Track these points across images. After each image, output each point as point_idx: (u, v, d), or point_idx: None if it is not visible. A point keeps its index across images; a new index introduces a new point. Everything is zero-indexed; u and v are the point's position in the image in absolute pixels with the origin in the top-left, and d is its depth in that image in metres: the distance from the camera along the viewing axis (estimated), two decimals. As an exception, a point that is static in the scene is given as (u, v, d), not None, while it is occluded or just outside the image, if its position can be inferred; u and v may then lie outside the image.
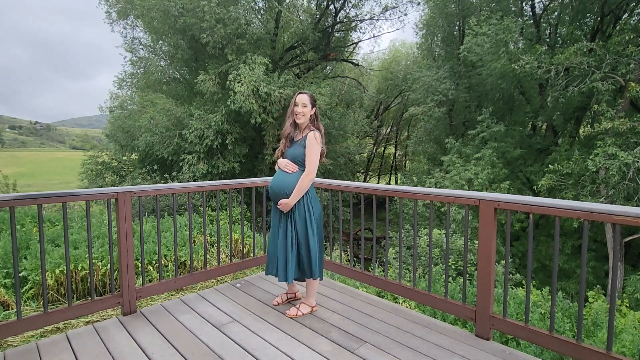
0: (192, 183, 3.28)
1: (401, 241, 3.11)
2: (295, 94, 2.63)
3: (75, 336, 2.32)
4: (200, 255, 4.63)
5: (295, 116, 2.59)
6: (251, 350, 2.17)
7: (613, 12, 11.00)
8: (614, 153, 7.83)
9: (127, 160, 15.97)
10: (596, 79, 8.68)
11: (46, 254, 4.12)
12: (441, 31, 15.93)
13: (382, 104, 24.68)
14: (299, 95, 2.60)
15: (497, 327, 2.27)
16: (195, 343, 2.26)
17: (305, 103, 2.57)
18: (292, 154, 2.59)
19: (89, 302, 2.48)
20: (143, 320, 2.55)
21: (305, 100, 2.57)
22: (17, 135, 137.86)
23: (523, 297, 4.19)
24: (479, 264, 2.30)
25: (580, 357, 1.91)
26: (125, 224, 2.56)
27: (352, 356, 2.13)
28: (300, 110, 2.57)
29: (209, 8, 11.17)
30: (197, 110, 12.47)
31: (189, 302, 2.87)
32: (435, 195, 2.55)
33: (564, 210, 1.94)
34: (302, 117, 2.59)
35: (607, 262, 9.80)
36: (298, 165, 2.57)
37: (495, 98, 14.04)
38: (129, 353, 2.14)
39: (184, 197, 9.48)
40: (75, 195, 2.38)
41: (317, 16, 14.92)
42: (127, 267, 2.59)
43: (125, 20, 15.06)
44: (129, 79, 16.72)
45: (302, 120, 2.59)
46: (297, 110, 2.57)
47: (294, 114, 2.59)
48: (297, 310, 2.64)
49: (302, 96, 2.59)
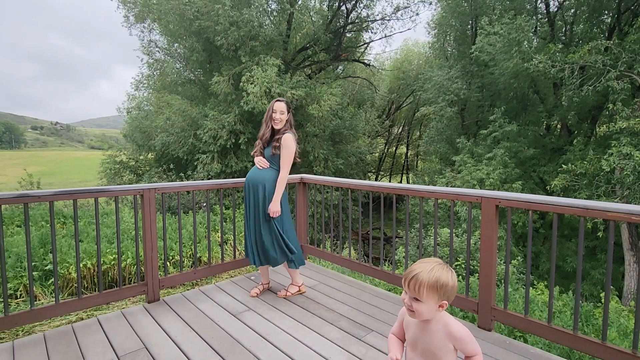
0: (210, 181, 3.48)
1: (407, 239, 3.24)
2: (272, 102, 2.88)
3: (106, 320, 2.54)
4: (215, 252, 4.84)
5: (273, 122, 2.86)
6: (265, 335, 2.35)
7: (630, 9, 10.79)
8: (629, 153, 7.71)
9: (144, 160, 16.44)
10: (611, 78, 8.56)
11: (71, 249, 4.41)
12: (453, 30, 15.85)
13: (393, 104, 24.64)
14: (276, 103, 2.86)
15: (498, 319, 2.38)
16: (214, 328, 2.44)
17: (282, 110, 2.84)
18: (266, 153, 2.91)
19: (117, 290, 2.70)
20: (166, 308, 2.75)
21: (283, 107, 2.84)
22: (38, 136, 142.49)
23: (532, 296, 4.24)
24: (481, 259, 2.42)
25: (576, 346, 2.01)
26: (149, 218, 2.77)
27: (359, 343, 2.28)
28: (278, 117, 2.84)
29: (223, 11, 11.45)
30: (212, 111, 12.78)
31: (208, 292, 3.07)
32: (440, 193, 2.67)
33: (563, 207, 2.04)
34: (280, 123, 2.86)
35: (623, 263, 9.64)
36: (270, 163, 2.89)
37: (509, 97, 13.91)
38: (154, 335, 2.34)
39: (198, 196, 9.78)
40: (107, 191, 2.60)
41: (328, 17, 15.07)
42: (152, 258, 2.81)
43: (142, 24, 15.53)
44: (146, 81, 17.23)
45: (279, 126, 2.87)
46: (275, 117, 2.84)
47: (272, 120, 2.85)
48: (285, 292, 3.00)
49: (279, 104, 2.85)
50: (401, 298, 1.26)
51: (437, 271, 1.18)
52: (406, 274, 1.21)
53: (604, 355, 1.91)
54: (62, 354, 2.12)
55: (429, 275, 1.17)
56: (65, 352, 2.14)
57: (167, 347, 2.21)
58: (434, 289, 1.17)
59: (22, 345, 2.21)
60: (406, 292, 1.22)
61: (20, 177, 10.30)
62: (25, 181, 10.18)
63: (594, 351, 1.96)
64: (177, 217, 3.45)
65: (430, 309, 1.19)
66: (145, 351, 2.16)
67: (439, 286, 1.16)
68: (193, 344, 2.24)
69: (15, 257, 4.02)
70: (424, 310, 1.19)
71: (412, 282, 1.18)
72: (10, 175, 34.54)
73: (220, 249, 3.46)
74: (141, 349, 2.18)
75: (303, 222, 3.91)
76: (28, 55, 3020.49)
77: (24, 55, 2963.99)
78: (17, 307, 3.35)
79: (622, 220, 1.82)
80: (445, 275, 1.18)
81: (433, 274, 1.17)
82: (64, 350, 2.16)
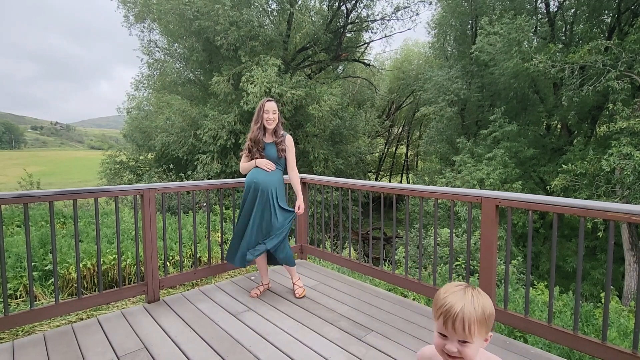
0: (210, 181, 3.48)
1: (407, 239, 3.24)
2: (263, 102, 2.88)
3: (106, 320, 2.54)
4: (215, 252, 4.84)
5: (266, 122, 2.86)
6: (265, 336, 2.35)
7: (630, 9, 10.79)
8: (629, 153, 7.72)
9: (144, 160, 16.45)
10: (611, 78, 8.56)
11: (71, 249, 4.41)
12: (453, 30, 15.86)
13: (393, 104, 24.65)
14: (267, 102, 2.85)
15: (498, 319, 2.38)
16: (214, 328, 2.44)
17: (274, 110, 2.86)
18: (269, 155, 2.89)
19: (117, 290, 2.70)
20: (166, 308, 2.75)
21: (275, 107, 2.87)
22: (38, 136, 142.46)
23: (532, 297, 4.24)
24: (482, 259, 2.42)
25: (577, 346, 2.01)
26: (149, 218, 2.77)
27: (359, 343, 2.27)
28: (271, 117, 2.84)
29: (223, 11, 11.45)
30: (212, 111, 12.78)
31: (207, 292, 3.07)
32: (440, 193, 2.67)
33: (563, 207, 2.04)
34: (273, 123, 2.86)
35: (623, 263, 9.64)
36: (275, 164, 2.90)
37: (509, 97, 13.91)
38: (154, 335, 2.34)
39: (198, 196, 9.77)
40: (106, 191, 2.60)
41: (328, 17, 15.07)
42: (152, 258, 2.80)
43: (142, 24, 15.54)
44: (146, 81, 17.23)
45: (272, 126, 2.87)
46: (268, 117, 2.84)
47: (264, 120, 2.85)
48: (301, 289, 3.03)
49: (270, 104, 2.85)
50: (437, 345, 0.98)
51: (476, 299, 0.95)
52: (445, 312, 0.94)
53: (604, 355, 1.91)
54: (62, 354, 2.12)
55: (473, 307, 0.93)
56: (65, 352, 2.14)
57: (167, 347, 2.21)
58: (482, 323, 0.94)
59: (22, 346, 2.21)
60: (444, 336, 0.96)
61: (20, 177, 10.31)
62: (25, 181, 10.18)
63: (594, 351, 1.96)
64: (177, 217, 3.45)
65: (477, 348, 0.95)
66: (145, 351, 2.16)
67: (486, 317, 0.94)
68: (193, 344, 2.24)
69: (15, 257, 4.02)
70: (474, 353, 0.95)
71: (458, 322, 0.92)
72: (10, 175, 34.56)
73: (220, 249, 3.46)
74: (141, 349, 2.18)
75: (303, 222, 3.91)
76: (28, 55, 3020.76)
77: (24, 55, 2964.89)
78: (17, 307, 3.34)
79: (622, 221, 1.82)
80: (485, 300, 0.97)
81: (477, 305, 0.94)
82: (63, 350, 2.16)
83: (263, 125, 2.87)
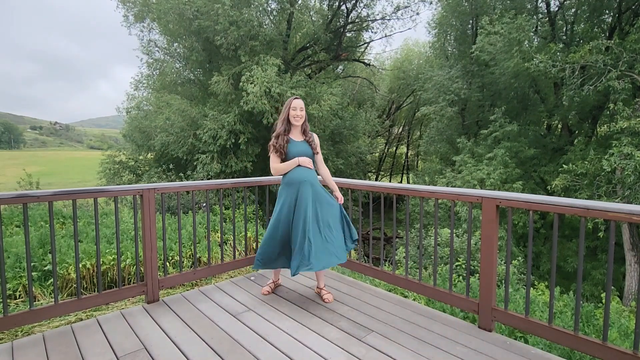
0: (210, 181, 3.47)
1: (408, 239, 3.23)
2: (291, 100, 2.87)
3: (105, 321, 2.53)
4: (215, 252, 4.84)
5: (294, 119, 2.84)
6: (265, 336, 2.34)
7: (631, 8, 10.78)
8: (630, 153, 7.71)
9: (144, 160, 16.42)
10: (612, 78, 8.55)
11: (70, 249, 4.40)
12: (454, 30, 15.83)
13: (394, 104, 24.63)
14: (295, 100, 2.86)
15: (499, 319, 2.38)
16: (214, 329, 2.43)
17: (302, 107, 2.87)
18: (304, 152, 2.87)
19: (116, 290, 2.69)
20: (165, 308, 2.74)
21: (302, 105, 2.88)
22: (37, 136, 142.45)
23: (533, 297, 4.23)
24: (482, 259, 2.41)
25: (577, 347, 2.00)
26: (149, 219, 2.76)
27: (359, 343, 2.27)
28: (298, 114, 2.84)
29: (223, 11, 11.43)
30: (211, 110, 12.76)
31: (207, 292, 3.06)
32: (440, 193, 2.66)
33: (563, 207, 2.03)
34: (300, 120, 2.86)
35: (624, 263, 9.63)
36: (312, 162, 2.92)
37: (509, 97, 13.89)
38: (153, 335, 2.33)
39: (198, 196, 9.76)
40: (106, 191, 2.60)
41: (328, 17, 15.05)
42: (151, 259, 2.80)
43: (141, 23, 15.52)
44: (145, 81, 17.20)
45: (299, 123, 2.87)
46: (296, 114, 2.84)
47: (292, 117, 2.84)
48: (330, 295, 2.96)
49: (298, 101, 2.87)
50: None
51: None
52: None
53: (604, 355, 1.91)
54: (62, 354, 2.12)
55: None
56: (64, 353, 2.13)
57: (166, 347, 2.20)
58: None
59: (22, 346, 2.21)
60: None
61: (20, 177, 10.30)
62: (25, 181, 10.18)
63: (594, 352, 1.95)
64: (176, 217, 3.44)
65: None
66: (144, 352, 2.15)
67: None
68: (193, 344, 2.23)
69: (15, 257, 4.02)
70: None
71: None
72: (10, 175, 34.53)
73: (220, 250, 3.45)
74: (140, 349, 2.17)
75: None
76: (28, 55, 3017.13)
77: (24, 55, 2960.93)
78: (16, 308, 3.34)
79: (623, 221, 1.81)
80: None
81: None
82: (63, 350, 2.15)
83: (289, 123, 2.87)
